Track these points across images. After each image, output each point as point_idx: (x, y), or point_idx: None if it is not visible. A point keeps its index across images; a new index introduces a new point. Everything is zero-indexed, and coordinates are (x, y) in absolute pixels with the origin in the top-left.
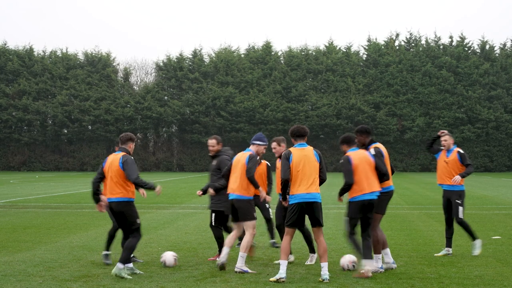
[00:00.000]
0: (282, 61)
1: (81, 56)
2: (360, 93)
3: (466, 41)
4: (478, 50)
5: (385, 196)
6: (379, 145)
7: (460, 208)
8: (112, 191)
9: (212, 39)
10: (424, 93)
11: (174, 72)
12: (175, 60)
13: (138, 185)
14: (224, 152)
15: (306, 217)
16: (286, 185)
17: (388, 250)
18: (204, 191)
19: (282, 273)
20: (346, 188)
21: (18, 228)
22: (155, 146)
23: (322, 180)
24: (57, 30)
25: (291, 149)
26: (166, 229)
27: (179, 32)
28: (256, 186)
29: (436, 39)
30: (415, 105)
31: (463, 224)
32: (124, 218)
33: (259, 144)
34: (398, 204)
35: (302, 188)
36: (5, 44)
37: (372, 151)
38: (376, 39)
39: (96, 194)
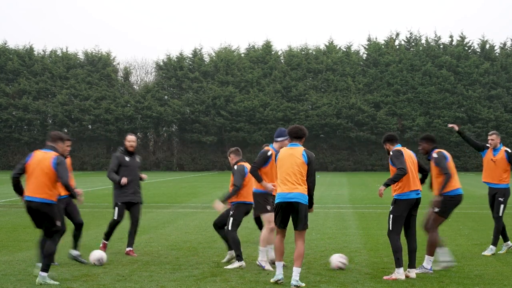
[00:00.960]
0: (282, 61)
1: (81, 56)
2: (360, 93)
3: (466, 40)
4: (478, 50)
5: (451, 200)
6: (442, 150)
7: (502, 206)
8: (35, 191)
9: (212, 39)
10: (424, 93)
11: (174, 72)
12: (175, 60)
13: (67, 189)
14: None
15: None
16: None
17: (445, 249)
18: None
19: (278, 274)
20: (400, 176)
21: (19, 228)
22: (155, 145)
23: (308, 187)
24: (57, 29)
25: (282, 149)
26: (166, 228)
27: (179, 31)
28: (259, 180)
29: (436, 38)
30: (415, 105)
31: (498, 222)
32: (44, 219)
33: (282, 140)
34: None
35: (284, 187)
36: (5, 44)
37: (435, 154)
38: (376, 38)
39: (18, 188)
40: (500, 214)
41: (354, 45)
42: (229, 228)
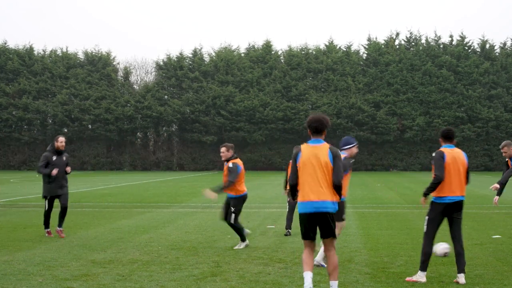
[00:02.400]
0: (282, 60)
1: (81, 55)
2: (360, 92)
3: (466, 40)
4: (478, 49)
5: None
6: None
7: None
8: None
9: (212, 39)
10: (424, 92)
11: (174, 71)
12: (175, 59)
13: None
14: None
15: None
16: (294, 190)
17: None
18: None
19: (307, 284)
20: (435, 184)
21: (18, 227)
22: (155, 145)
23: (333, 184)
24: (57, 29)
25: (302, 146)
26: (166, 228)
27: (179, 31)
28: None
29: (436, 38)
30: (415, 104)
31: None
32: None
33: (350, 148)
34: (398, 203)
35: (310, 194)
36: (5, 43)
37: None
38: (376, 38)
39: None
40: None
41: (354, 45)
42: (232, 222)
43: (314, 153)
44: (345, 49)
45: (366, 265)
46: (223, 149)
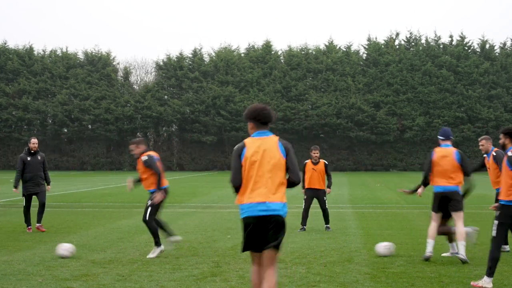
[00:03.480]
0: (282, 60)
1: (81, 56)
2: (360, 92)
3: (466, 40)
4: (478, 50)
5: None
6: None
7: None
8: None
9: (212, 39)
10: (424, 93)
11: (174, 72)
12: (175, 60)
13: None
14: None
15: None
16: (238, 192)
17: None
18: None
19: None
20: None
21: (18, 227)
22: (155, 145)
23: (292, 183)
24: (57, 29)
25: (246, 140)
26: None
27: (179, 31)
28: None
29: (436, 38)
30: (415, 105)
31: None
32: None
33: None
34: (398, 203)
35: (257, 194)
36: (5, 44)
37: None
38: (376, 38)
39: None
40: None
41: (354, 45)
42: (146, 218)
43: (262, 147)
44: (345, 49)
45: (366, 265)
46: (132, 147)
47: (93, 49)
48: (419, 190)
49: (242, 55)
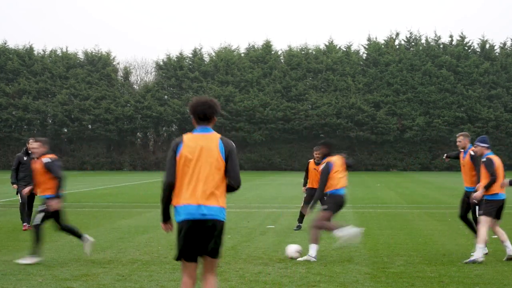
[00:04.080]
0: (282, 60)
1: (81, 55)
2: (360, 92)
3: (466, 40)
4: (478, 49)
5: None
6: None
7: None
8: None
9: (212, 39)
10: (424, 92)
11: (174, 71)
12: (175, 59)
13: None
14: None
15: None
16: (170, 191)
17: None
18: None
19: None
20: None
21: (18, 227)
22: (155, 145)
23: (231, 188)
24: (57, 29)
25: (185, 135)
26: None
27: (179, 31)
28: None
29: (436, 38)
30: (415, 104)
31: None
32: None
33: (482, 146)
34: (398, 203)
35: (192, 196)
36: (5, 43)
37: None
38: (376, 38)
39: None
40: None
41: (354, 45)
42: (38, 222)
43: (201, 144)
44: (345, 49)
45: (366, 265)
46: (35, 144)
47: (93, 49)
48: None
49: (242, 55)
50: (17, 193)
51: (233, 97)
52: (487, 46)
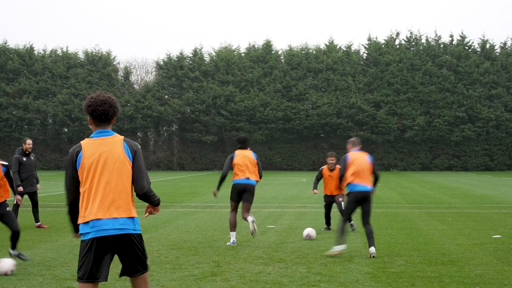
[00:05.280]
0: (282, 60)
1: (81, 55)
2: (361, 92)
3: (466, 40)
4: (479, 49)
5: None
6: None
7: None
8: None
9: (213, 38)
10: (425, 92)
11: (175, 71)
12: (176, 59)
13: None
14: None
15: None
16: (74, 210)
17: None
18: None
19: None
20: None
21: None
22: (155, 145)
23: (137, 195)
24: (57, 29)
25: (83, 142)
26: (166, 228)
27: (180, 31)
28: None
29: (436, 38)
30: (416, 104)
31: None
32: None
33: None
34: (398, 203)
35: (100, 210)
36: (6, 43)
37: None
38: (376, 38)
39: None
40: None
41: (355, 45)
42: None
43: (103, 150)
44: (345, 49)
45: (366, 265)
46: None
47: (94, 49)
48: None
49: (243, 54)
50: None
51: (233, 96)
52: (488, 45)
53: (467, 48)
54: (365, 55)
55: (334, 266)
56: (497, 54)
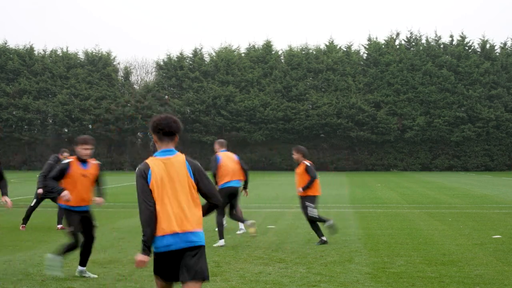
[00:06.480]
0: (282, 60)
1: (81, 55)
2: (361, 92)
3: (466, 40)
4: (479, 49)
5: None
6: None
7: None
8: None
9: (213, 38)
10: (425, 92)
11: (175, 71)
12: (176, 59)
13: None
14: None
15: None
16: (152, 221)
17: None
18: None
19: None
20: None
21: (19, 227)
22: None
23: (213, 205)
24: (57, 29)
25: (148, 160)
26: None
27: (180, 31)
28: None
29: (436, 38)
30: (416, 104)
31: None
32: None
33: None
34: (398, 203)
35: (172, 224)
36: (6, 43)
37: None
38: (376, 38)
39: None
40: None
41: (355, 45)
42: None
43: (168, 169)
44: (345, 49)
45: (366, 265)
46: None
47: (94, 49)
48: None
49: (243, 55)
50: (37, 197)
51: (233, 97)
52: (488, 46)
53: (467, 48)
54: (365, 55)
55: (334, 266)
56: (497, 54)
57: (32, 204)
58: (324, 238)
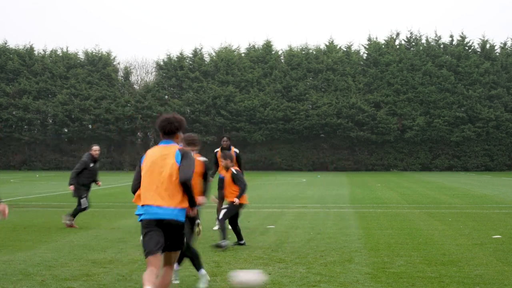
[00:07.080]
0: (282, 60)
1: (81, 55)
2: (361, 92)
3: (466, 40)
4: (479, 49)
5: None
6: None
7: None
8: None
9: (213, 38)
10: (425, 92)
11: (175, 71)
12: (176, 59)
13: None
14: None
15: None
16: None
17: None
18: None
19: None
20: None
21: (19, 227)
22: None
23: (179, 181)
24: (57, 29)
25: (150, 150)
26: None
27: (180, 31)
28: None
29: (436, 38)
30: (416, 104)
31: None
32: None
33: None
34: (398, 203)
35: (152, 198)
36: (6, 43)
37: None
38: (376, 38)
39: None
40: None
41: (355, 45)
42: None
43: (160, 154)
44: (345, 49)
45: (366, 265)
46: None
47: (94, 49)
48: None
49: (243, 55)
50: (79, 196)
51: (233, 97)
52: (488, 46)
53: (467, 48)
54: (365, 55)
55: (334, 266)
56: (497, 54)
57: (83, 207)
58: (227, 242)
